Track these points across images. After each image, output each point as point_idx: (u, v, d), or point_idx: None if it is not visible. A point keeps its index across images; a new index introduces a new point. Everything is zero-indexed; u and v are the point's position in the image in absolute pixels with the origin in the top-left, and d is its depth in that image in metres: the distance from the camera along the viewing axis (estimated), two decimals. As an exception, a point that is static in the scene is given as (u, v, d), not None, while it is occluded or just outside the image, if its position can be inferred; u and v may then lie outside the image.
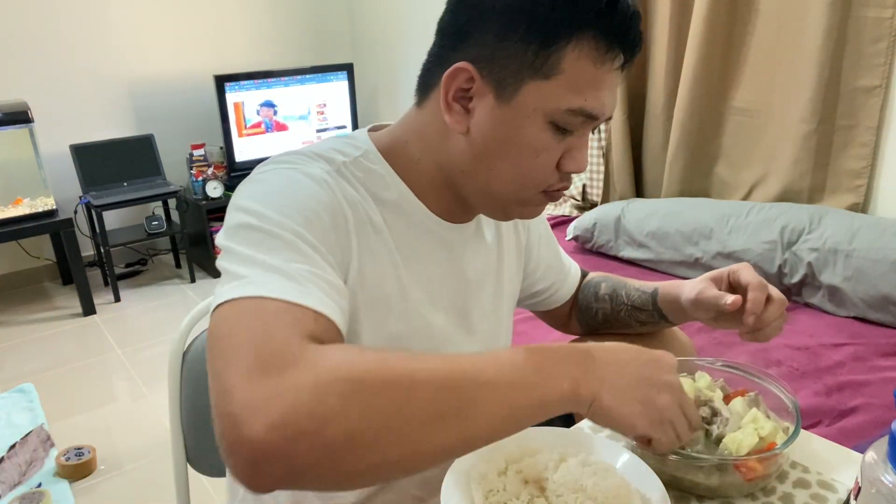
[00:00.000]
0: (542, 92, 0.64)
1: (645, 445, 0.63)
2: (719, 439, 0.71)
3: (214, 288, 0.58)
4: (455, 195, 0.74)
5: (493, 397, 0.53)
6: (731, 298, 0.79)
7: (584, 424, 0.82)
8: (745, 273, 0.82)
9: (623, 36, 0.64)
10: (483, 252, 0.83)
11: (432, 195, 0.75)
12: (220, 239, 0.63)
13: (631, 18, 0.64)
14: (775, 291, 0.81)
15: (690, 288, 0.86)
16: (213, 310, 0.56)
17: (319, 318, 0.55)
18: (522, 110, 0.65)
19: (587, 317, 1.00)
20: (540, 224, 0.96)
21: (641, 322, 0.95)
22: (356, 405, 0.47)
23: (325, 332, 0.55)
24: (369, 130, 0.77)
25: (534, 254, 0.94)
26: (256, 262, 0.57)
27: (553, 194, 0.72)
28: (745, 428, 0.71)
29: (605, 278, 1.01)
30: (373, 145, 0.74)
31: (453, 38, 0.68)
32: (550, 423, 0.87)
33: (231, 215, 0.64)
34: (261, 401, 0.46)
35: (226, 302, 0.54)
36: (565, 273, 1.00)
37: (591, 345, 0.60)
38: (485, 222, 0.84)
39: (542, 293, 0.99)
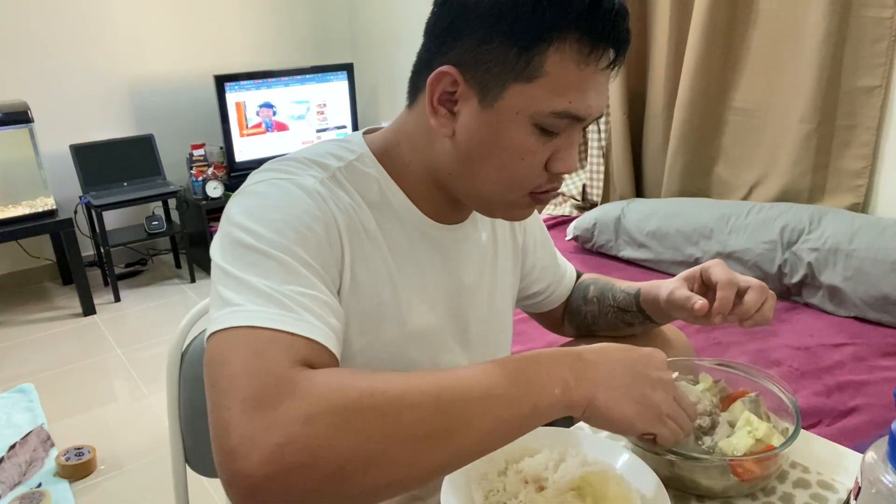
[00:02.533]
0: (525, 95, 0.63)
1: (650, 443, 0.63)
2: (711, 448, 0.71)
3: (209, 308, 0.60)
4: (446, 196, 0.74)
5: (482, 412, 0.53)
6: (699, 302, 0.79)
7: (585, 424, 0.82)
8: (716, 270, 0.81)
9: (608, 36, 0.62)
10: (478, 253, 0.83)
11: (425, 197, 0.75)
12: (214, 254, 0.63)
13: (616, 16, 0.62)
14: (751, 281, 0.80)
15: (665, 288, 0.86)
16: (208, 337, 0.57)
17: (310, 343, 0.56)
18: (506, 114, 0.64)
19: (577, 319, 1.01)
20: (536, 226, 0.96)
21: (628, 323, 0.94)
22: (345, 434, 0.48)
23: (318, 357, 0.56)
24: (365, 133, 0.77)
25: (530, 255, 0.94)
26: (250, 286, 0.57)
27: (540, 196, 0.71)
28: (739, 432, 0.71)
29: (594, 280, 1.01)
30: (367, 148, 0.74)
31: (438, 40, 0.67)
32: (551, 423, 0.88)
33: (225, 229, 0.64)
34: (255, 434, 0.47)
35: (219, 331, 0.55)
36: (561, 275, 1.00)
37: (582, 347, 0.61)
38: (480, 222, 0.84)
39: (539, 294, 0.99)
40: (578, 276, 1.04)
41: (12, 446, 1.93)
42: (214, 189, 3.21)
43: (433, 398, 0.52)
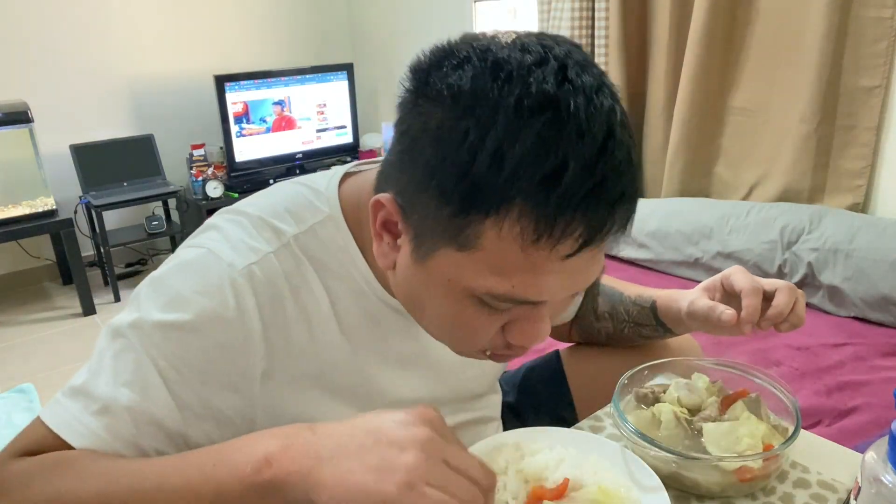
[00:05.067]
0: (457, 264, 0.51)
1: None
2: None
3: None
4: None
5: (166, 502, 0.50)
6: (726, 312, 0.73)
7: (585, 424, 0.82)
8: (738, 278, 0.76)
9: (571, 216, 0.46)
10: None
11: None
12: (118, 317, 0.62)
13: (594, 192, 0.46)
14: (777, 283, 0.75)
15: (684, 300, 0.81)
16: None
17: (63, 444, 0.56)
18: (436, 277, 0.53)
19: (589, 335, 0.97)
20: None
21: (646, 337, 0.91)
22: None
23: None
24: (347, 174, 0.68)
25: None
26: (91, 375, 0.58)
27: (500, 358, 0.60)
28: (739, 432, 0.70)
29: (601, 291, 0.96)
30: (339, 209, 0.64)
31: (394, 153, 0.55)
32: (551, 423, 0.88)
33: (138, 293, 0.63)
34: None
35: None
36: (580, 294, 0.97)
37: (319, 425, 0.49)
38: None
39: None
40: None
41: (12, 446, 1.93)
42: (214, 189, 3.21)
43: (122, 494, 0.51)
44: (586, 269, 0.52)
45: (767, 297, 0.75)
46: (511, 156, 0.45)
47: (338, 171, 0.69)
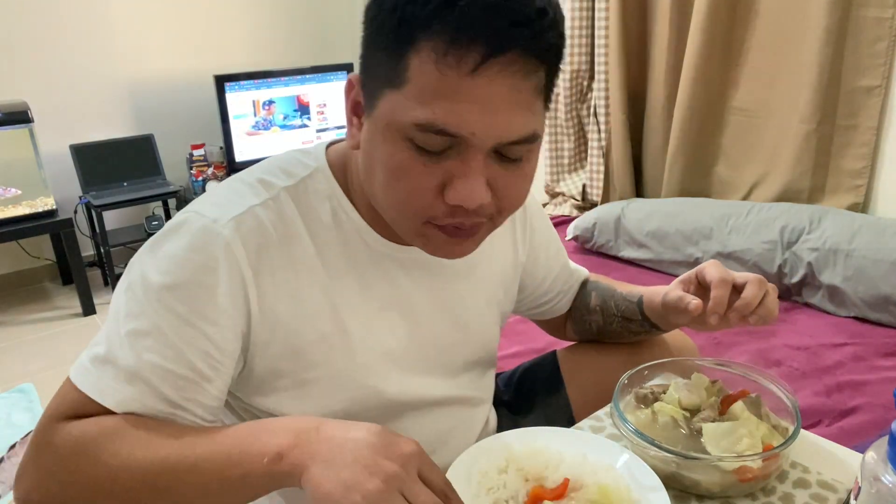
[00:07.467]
0: (393, 102, 0.57)
1: None
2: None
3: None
4: None
5: (195, 479, 0.57)
6: (693, 302, 0.75)
7: (585, 424, 0.82)
8: (710, 270, 0.77)
9: (469, 30, 0.53)
10: (452, 271, 0.79)
11: (377, 217, 0.69)
12: (119, 285, 0.66)
13: (487, 7, 0.53)
14: (748, 276, 0.76)
15: (662, 292, 0.83)
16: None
17: (101, 407, 0.61)
18: (378, 124, 0.59)
19: (582, 328, 0.98)
20: (545, 233, 0.92)
21: (634, 332, 0.92)
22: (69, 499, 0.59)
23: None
24: (335, 143, 0.75)
25: (541, 266, 0.92)
26: (110, 335, 0.63)
27: (450, 230, 0.62)
28: (739, 432, 0.70)
29: (595, 286, 0.97)
30: (325, 161, 0.71)
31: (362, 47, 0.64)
32: (551, 422, 0.88)
33: (139, 258, 0.66)
34: (19, 473, 0.61)
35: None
36: (573, 281, 0.98)
37: (327, 421, 0.58)
38: None
39: (549, 302, 0.97)
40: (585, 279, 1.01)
41: (12, 446, 1.93)
42: (214, 189, 3.21)
43: (152, 464, 0.58)
44: (502, 104, 0.56)
45: (738, 290, 0.75)
46: None
47: (325, 140, 0.76)
